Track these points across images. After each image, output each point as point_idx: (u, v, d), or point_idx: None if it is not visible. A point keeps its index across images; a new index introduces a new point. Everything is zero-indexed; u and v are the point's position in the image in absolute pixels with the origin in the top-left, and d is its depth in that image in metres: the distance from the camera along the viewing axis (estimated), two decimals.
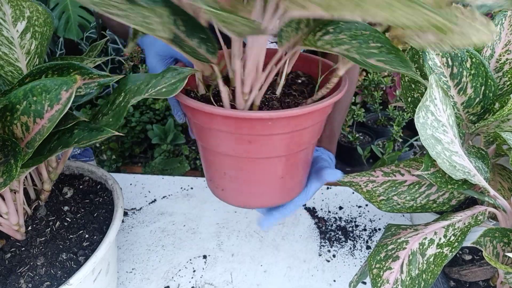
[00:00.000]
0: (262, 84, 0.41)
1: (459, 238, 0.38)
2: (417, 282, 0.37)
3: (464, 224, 0.40)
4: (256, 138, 0.41)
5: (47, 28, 0.43)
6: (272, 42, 0.72)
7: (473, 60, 0.44)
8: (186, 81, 0.44)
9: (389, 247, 0.40)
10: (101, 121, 0.45)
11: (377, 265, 0.39)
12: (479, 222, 0.39)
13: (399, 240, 0.40)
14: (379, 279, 0.38)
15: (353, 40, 0.35)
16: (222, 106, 0.43)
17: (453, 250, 0.37)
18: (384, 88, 1.94)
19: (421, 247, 0.39)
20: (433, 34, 0.31)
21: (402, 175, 0.48)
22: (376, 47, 0.34)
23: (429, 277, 0.37)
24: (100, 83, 0.42)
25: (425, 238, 0.40)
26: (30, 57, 0.44)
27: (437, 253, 0.38)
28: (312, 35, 0.37)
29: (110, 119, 0.43)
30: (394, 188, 0.48)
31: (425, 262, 0.38)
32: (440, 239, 0.39)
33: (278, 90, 0.46)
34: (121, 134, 0.43)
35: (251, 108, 0.43)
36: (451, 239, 0.39)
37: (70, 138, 0.41)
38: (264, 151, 0.42)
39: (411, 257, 0.38)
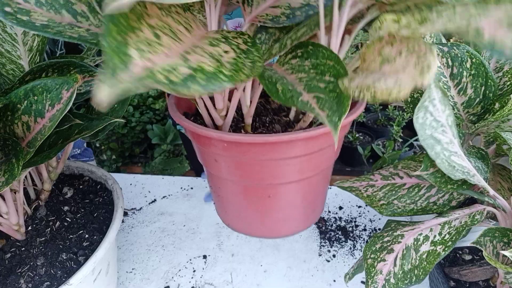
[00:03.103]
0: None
1: (454, 237, 0.38)
2: (409, 276, 0.37)
3: (461, 223, 0.40)
4: (273, 163, 0.39)
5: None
6: None
7: (473, 60, 0.44)
8: None
9: (385, 239, 0.40)
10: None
11: (372, 256, 0.39)
12: (475, 222, 0.39)
13: (395, 233, 0.41)
14: (373, 269, 0.38)
15: (313, 69, 0.31)
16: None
17: (446, 249, 0.38)
18: None
19: (415, 242, 0.39)
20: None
21: (401, 178, 0.48)
22: (327, 81, 0.30)
23: (420, 273, 0.37)
24: None
25: (420, 234, 0.40)
26: (32, 55, 0.44)
27: (430, 251, 0.38)
28: (284, 56, 0.34)
29: (115, 105, 0.43)
30: (394, 192, 0.48)
31: (418, 258, 0.38)
32: (435, 236, 0.39)
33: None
34: (122, 120, 0.42)
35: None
36: (445, 238, 0.39)
37: (70, 131, 0.41)
38: (281, 177, 0.40)
39: (405, 252, 0.39)
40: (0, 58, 0.42)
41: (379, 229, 0.69)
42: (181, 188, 0.81)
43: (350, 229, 0.69)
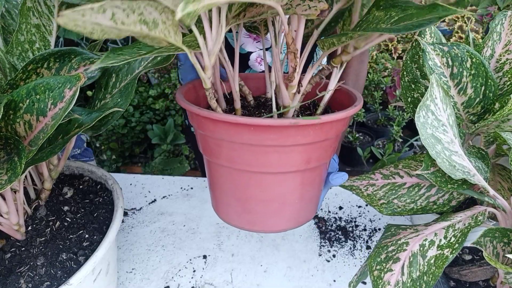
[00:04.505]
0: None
1: (460, 239, 0.38)
2: (418, 284, 0.36)
3: (464, 225, 0.40)
4: (278, 149, 0.39)
5: None
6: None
7: (473, 60, 0.44)
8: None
9: (390, 249, 0.40)
10: (106, 104, 0.45)
11: (378, 267, 0.39)
12: (479, 223, 0.39)
13: (399, 242, 0.40)
14: (380, 281, 0.37)
15: None
16: None
17: (453, 251, 0.37)
18: (384, 88, 1.94)
19: (421, 248, 0.39)
20: None
21: (402, 177, 0.48)
22: None
23: (430, 279, 0.36)
24: (101, 66, 0.43)
25: (425, 240, 0.39)
26: (58, 33, 0.44)
27: (437, 255, 0.38)
28: None
29: (119, 100, 0.44)
30: (394, 191, 0.48)
31: (426, 264, 0.37)
32: (440, 240, 0.39)
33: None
34: (121, 109, 0.42)
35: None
36: (451, 241, 0.38)
37: (69, 125, 0.41)
38: (283, 165, 0.41)
39: (411, 259, 0.38)
40: (36, 33, 0.42)
41: (379, 229, 0.69)
42: (181, 188, 0.81)
43: (350, 229, 0.69)
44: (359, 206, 0.75)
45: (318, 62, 0.42)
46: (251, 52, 0.73)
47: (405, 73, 0.52)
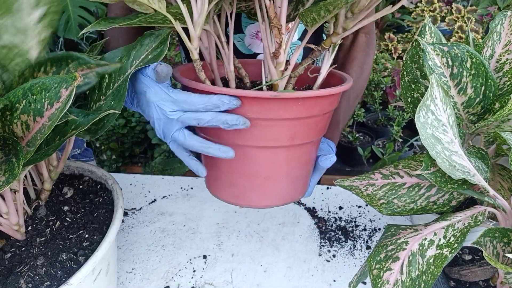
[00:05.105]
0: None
1: (459, 239, 0.38)
2: (417, 283, 0.36)
3: (464, 224, 0.40)
4: (261, 123, 0.41)
5: (58, 15, 0.44)
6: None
7: (473, 60, 0.44)
8: (168, 42, 0.45)
9: (389, 248, 0.40)
10: (100, 107, 0.45)
11: (377, 266, 0.39)
12: (479, 223, 0.39)
13: (399, 241, 0.40)
14: (379, 279, 0.38)
15: None
16: None
17: (452, 251, 0.37)
18: (384, 88, 1.94)
19: (421, 248, 0.39)
20: None
21: (401, 177, 0.48)
22: None
23: (429, 278, 0.36)
24: (98, 72, 0.43)
25: (424, 239, 0.39)
26: (43, 47, 0.44)
27: (437, 254, 0.38)
28: None
29: (112, 102, 0.44)
30: (394, 191, 0.48)
31: (425, 263, 0.38)
32: (439, 240, 0.39)
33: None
34: (117, 111, 0.42)
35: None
36: (450, 240, 0.38)
37: (66, 127, 0.41)
38: (266, 139, 0.42)
39: (411, 258, 0.38)
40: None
41: (379, 229, 0.69)
42: (181, 188, 0.81)
43: (350, 229, 0.69)
44: (359, 206, 0.75)
45: (304, 41, 0.43)
46: (257, 54, 0.73)
47: (405, 73, 0.52)
